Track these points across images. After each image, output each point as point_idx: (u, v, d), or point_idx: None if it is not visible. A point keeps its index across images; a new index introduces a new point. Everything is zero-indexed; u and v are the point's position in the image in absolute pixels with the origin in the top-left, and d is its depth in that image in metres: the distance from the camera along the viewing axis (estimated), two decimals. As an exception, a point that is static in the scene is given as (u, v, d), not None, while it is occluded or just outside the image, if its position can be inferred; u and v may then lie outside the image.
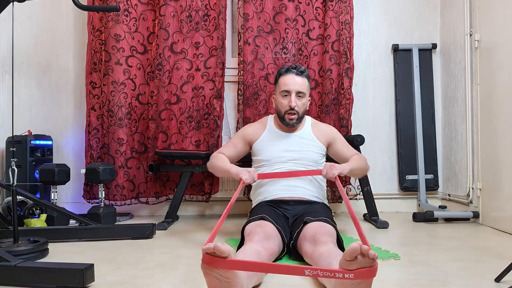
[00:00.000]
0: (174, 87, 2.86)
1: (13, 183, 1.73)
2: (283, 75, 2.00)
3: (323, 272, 1.03)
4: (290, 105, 1.95)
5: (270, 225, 1.65)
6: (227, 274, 1.12)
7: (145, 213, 3.03)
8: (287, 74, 1.98)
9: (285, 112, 1.98)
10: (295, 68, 1.99)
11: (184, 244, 2.04)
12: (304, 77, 1.98)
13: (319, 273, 1.04)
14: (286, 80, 1.97)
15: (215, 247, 1.07)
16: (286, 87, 1.96)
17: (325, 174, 1.80)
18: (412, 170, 3.01)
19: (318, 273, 1.04)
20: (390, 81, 3.10)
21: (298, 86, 1.96)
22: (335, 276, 1.05)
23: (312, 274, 1.04)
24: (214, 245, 1.07)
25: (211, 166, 2.05)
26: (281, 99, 1.99)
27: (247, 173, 1.81)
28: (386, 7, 3.10)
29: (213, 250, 1.07)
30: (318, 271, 1.03)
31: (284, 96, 1.98)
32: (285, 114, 1.98)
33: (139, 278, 1.47)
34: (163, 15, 2.81)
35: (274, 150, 2.01)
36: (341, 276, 1.04)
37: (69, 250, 1.93)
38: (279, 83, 2.01)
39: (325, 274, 1.04)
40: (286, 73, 1.99)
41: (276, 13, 2.89)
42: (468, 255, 1.77)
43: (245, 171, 1.84)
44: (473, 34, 2.62)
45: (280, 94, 2.00)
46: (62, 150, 3.03)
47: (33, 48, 3.02)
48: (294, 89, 1.95)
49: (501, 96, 2.34)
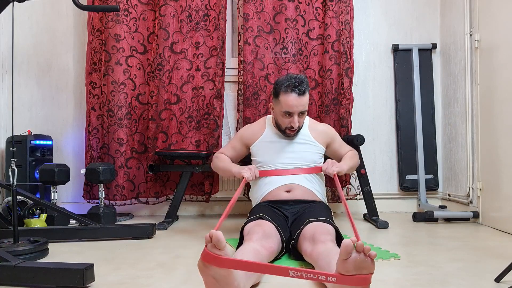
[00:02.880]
0: (174, 87, 2.86)
1: (13, 183, 1.73)
2: (284, 94, 1.90)
3: (306, 274, 1.04)
4: (292, 125, 1.95)
5: (269, 224, 1.65)
6: (223, 273, 1.12)
7: (145, 213, 3.03)
8: (289, 95, 1.89)
9: (286, 128, 1.99)
10: (297, 87, 1.89)
11: (184, 244, 2.04)
12: (306, 95, 1.93)
13: (303, 275, 1.04)
14: (289, 102, 1.90)
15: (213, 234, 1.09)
16: (290, 109, 1.91)
17: (325, 169, 1.90)
18: (412, 170, 3.01)
19: (302, 274, 1.04)
20: (390, 81, 3.10)
21: (301, 108, 1.92)
22: (318, 279, 1.06)
23: (296, 276, 1.04)
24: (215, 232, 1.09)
25: (215, 167, 2.15)
26: (282, 117, 1.96)
27: (249, 171, 1.90)
28: (386, 7, 3.10)
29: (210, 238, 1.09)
30: (302, 273, 1.04)
31: (286, 115, 1.94)
32: (286, 129, 1.99)
33: (139, 278, 1.47)
34: (163, 15, 2.81)
35: (272, 152, 2.01)
36: (324, 279, 1.05)
37: (69, 250, 1.93)
38: (280, 102, 1.93)
39: (308, 276, 1.05)
40: (288, 92, 1.89)
41: (276, 13, 2.88)
42: (468, 255, 1.77)
43: (246, 168, 1.91)
44: (473, 34, 2.62)
45: (281, 113, 1.95)
46: (62, 150, 3.03)
47: (33, 48, 3.02)
48: (298, 111, 1.92)
49: (501, 96, 2.34)
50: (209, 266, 1.10)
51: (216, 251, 1.09)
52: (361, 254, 1.06)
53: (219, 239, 1.09)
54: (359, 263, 1.06)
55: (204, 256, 1.09)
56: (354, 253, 1.06)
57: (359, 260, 1.06)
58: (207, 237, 1.10)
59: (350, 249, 1.05)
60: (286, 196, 1.90)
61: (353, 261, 1.06)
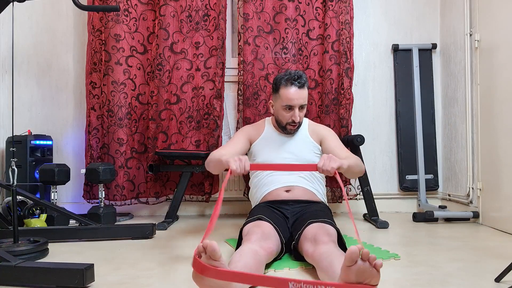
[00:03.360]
0: (174, 87, 2.86)
1: (13, 183, 1.73)
2: (284, 87, 1.91)
3: (306, 285, 1.03)
4: (294, 119, 1.94)
5: (268, 225, 1.64)
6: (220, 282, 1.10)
7: (145, 213, 3.03)
8: (289, 88, 1.90)
9: (287, 123, 1.97)
10: (296, 80, 1.90)
11: (184, 244, 2.03)
12: (305, 88, 1.94)
13: (302, 286, 1.04)
14: (290, 95, 1.90)
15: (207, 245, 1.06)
16: (290, 103, 1.91)
17: (321, 166, 1.55)
18: (412, 170, 3.01)
19: (301, 285, 1.04)
20: (390, 81, 3.10)
21: (302, 101, 1.92)
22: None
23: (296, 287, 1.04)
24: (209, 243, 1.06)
25: (208, 161, 1.94)
26: (283, 112, 1.95)
27: (238, 161, 1.56)
28: (386, 7, 3.10)
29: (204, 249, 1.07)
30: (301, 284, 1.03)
31: (287, 109, 1.94)
32: (286, 125, 1.98)
33: (139, 278, 1.47)
34: (163, 15, 2.81)
35: (270, 152, 2.00)
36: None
37: (69, 250, 1.93)
38: (280, 96, 1.94)
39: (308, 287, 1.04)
40: (288, 85, 1.91)
41: (276, 13, 2.89)
42: (468, 255, 1.77)
43: (236, 158, 1.58)
44: (473, 34, 2.62)
45: (281, 107, 1.95)
46: (62, 150, 3.03)
47: (33, 48, 3.02)
48: (298, 104, 1.92)
49: (501, 96, 2.34)
50: (205, 277, 1.08)
51: (212, 262, 1.07)
52: (366, 263, 1.05)
53: (214, 249, 1.07)
54: (363, 272, 1.05)
55: (200, 268, 1.05)
56: (359, 261, 1.05)
57: (364, 268, 1.04)
58: (201, 248, 1.07)
59: (355, 256, 1.04)
60: (286, 196, 1.90)
61: (357, 269, 1.05)
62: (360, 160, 1.94)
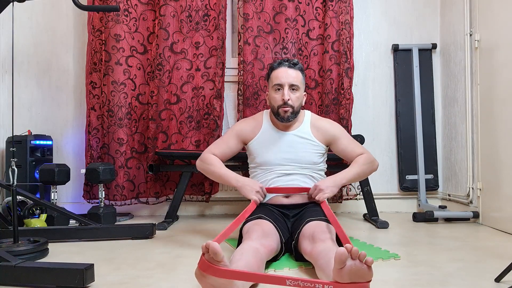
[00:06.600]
0: (174, 87, 2.86)
1: (13, 183, 1.73)
2: (275, 69, 1.91)
3: (303, 283, 1.04)
4: (283, 98, 1.84)
5: (268, 223, 1.65)
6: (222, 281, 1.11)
7: (145, 213, 3.03)
8: (279, 68, 1.90)
9: (279, 106, 1.86)
10: (287, 61, 1.90)
11: (184, 244, 2.03)
12: (297, 70, 1.89)
13: (299, 284, 1.04)
14: (278, 74, 1.88)
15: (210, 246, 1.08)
16: (278, 81, 1.87)
17: (311, 194, 1.81)
18: (412, 170, 3.01)
19: (299, 283, 1.04)
20: (390, 81, 3.10)
21: (291, 79, 1.86)
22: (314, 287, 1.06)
23: (293, 285, 1.05)
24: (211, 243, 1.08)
25: (203, 168, 1.96)
26: (273, 94, 1.89)
27: (257, 194, 1.79)
28: (386, 7, 3.10)
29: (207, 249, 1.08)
30: (299, 282, 1.04)
31: (276, 90, 1.88)
32: (279, 109, 1.86)
33: (139, 278, 1.47)
34: (163, 15, 2.81)
35: (269, 152, 1.92)
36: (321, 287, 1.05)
37: (69, 250, 1.93)
38: (271, 78, 1.93)
39: (305, 285, 1.05)
40: (278, 66, 1.91)
41: (276, 13, 2.89)
42: (468, 255, 1.77)
43: (253, 191, 1.79)
44: (473, 34, 2.62)
45: (272, 89, 1.90)
46: (62, 150, 3.03)
47: (33, 48, 3.02)
48: (287, 82, 1.86)
49: (501, 96, 2.34)
50: (206, 275, 1.10)
51: (215, 262, 1.09)
52: (357, 261, 1.04)
53: (216, 251, 1.08)
54: (355, 271, 1.04)
55: (202, 266, 1.09)
56: (349, 260, 1.05)
57: (355, 268, 1.04)
58: (204, 247, 1.09)
59: (344, 257, 1.04)
60: (286, 202, 1.89)
61: (349, 269, 1.05)
62: (371, 158, 1.95)
